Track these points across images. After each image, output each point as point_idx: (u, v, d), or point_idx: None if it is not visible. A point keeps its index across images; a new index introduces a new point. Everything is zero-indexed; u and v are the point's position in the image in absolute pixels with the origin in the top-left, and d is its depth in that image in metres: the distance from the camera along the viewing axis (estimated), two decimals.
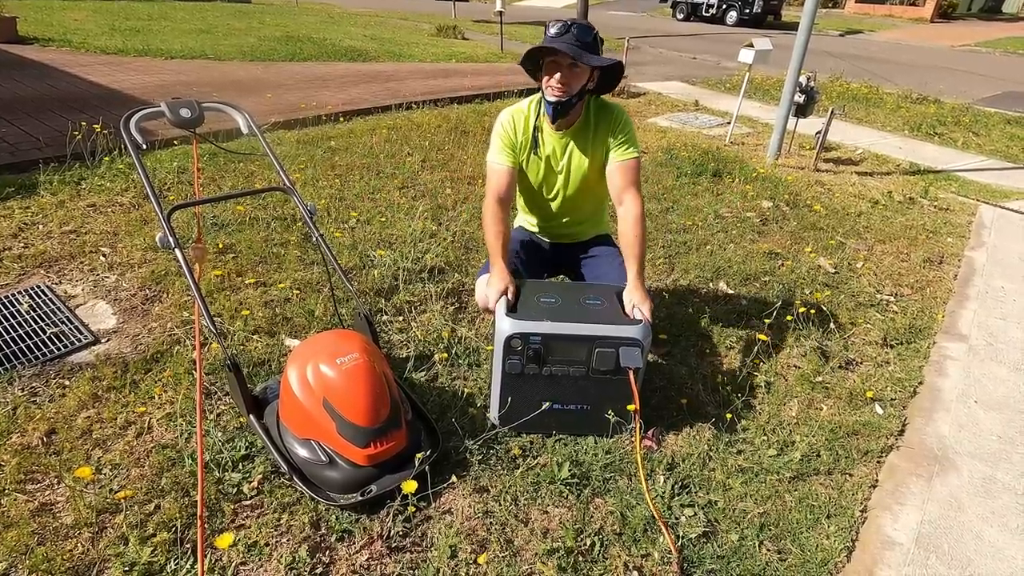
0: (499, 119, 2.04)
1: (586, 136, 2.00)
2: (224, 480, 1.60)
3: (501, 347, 1.72)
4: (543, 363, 1.74)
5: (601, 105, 2.01)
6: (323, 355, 1.57)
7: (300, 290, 2.58)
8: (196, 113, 2.05)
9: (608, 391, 1.78)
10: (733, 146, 5.46)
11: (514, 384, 1.78)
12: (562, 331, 1.72)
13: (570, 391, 1.78)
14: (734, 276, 3.01)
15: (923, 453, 1.94)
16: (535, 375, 1.76)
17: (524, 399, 1.80)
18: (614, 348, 1.72)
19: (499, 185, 2.01)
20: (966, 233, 3.97)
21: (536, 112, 2.00)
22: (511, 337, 1.70)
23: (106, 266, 2.67)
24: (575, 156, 2.02)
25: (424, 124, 5.27)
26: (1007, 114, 7.78)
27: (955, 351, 2.57)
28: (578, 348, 1.73)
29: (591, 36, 1.83)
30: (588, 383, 1.77)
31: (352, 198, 3.55)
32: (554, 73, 1.83)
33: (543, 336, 1.71)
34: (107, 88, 5.75)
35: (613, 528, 1.58)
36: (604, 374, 1.75)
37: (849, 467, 1.84)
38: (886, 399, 2.17)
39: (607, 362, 1.72)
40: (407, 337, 2.31)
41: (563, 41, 1.79)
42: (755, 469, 1.78)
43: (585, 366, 1.75)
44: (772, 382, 2.22)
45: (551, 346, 1.72)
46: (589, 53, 1.81)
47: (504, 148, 2.02)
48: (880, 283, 3.12)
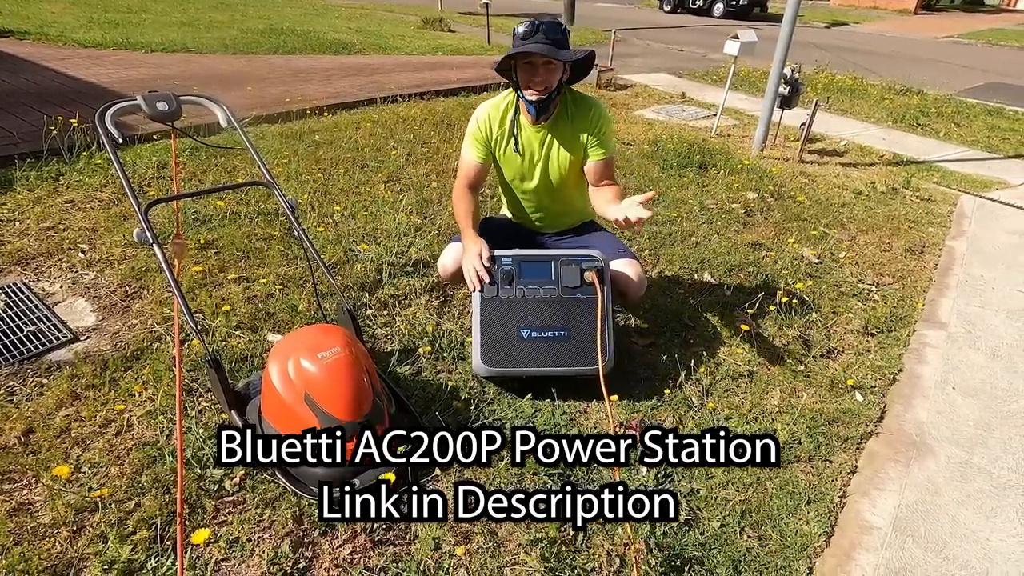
0: (475, 114, 2.06)
1: (564, 129, 2.02)
2: (206, 476, 1.59)
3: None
4: (515, 284, 1.94)
5: (577, 98, 2.03)
6: (304, 350, 1.56)
7: (284, 285, 2.56)
8: (174, 106, 2.03)
9: (580, 310, 1.95)
10: (719, 138, 5.48)
11: (491, 313, 1.94)
12: (530, 254, 2.01)
13: (544, 313, 1.94)
14: (719, 267, 3.03)
15: (901, 439, 1.97)
16: (509, 299, 1.94)
17: (503, 330, 1.94)
18: (576, 264, 1.97)
19: (468, 175, 2.08)
20: (947, 223, 4.02)
21: (514, 108, 2.01)
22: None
23: (85, 263, 2.64)
24: (553, 148, 2.04)
25: (410, 117, 5.23)
26: (988, 105, 7.85)
27: (934, 339, 2.61)
28: (544, 267, 1.97)
29: (561, 32, 1.85)
30: (560, 305, 1.95)
31: (336, 192, 3.52)
32: (531, 74, 1.87)
33: (513, 258, 1.97)
34: (86, 82, 5.65)
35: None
36: (573, 292, 1.95)
37: (829, 454, 1.86)
38: (866, 387, 2.20)
39: (572, 277, 1.95)
40: (391, 331, 2.30)
41: (534, 42, 1.82)
42: None
43: (554, 285, 1.95)
44: (755, 371, 2.24)
45: (521, 267, 1.96)
46: (561, 49, 1.83)
47: (476, 144, 2.07)
48: (862, 273, 3.15)
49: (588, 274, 1.94)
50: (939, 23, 20.40)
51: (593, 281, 1.93)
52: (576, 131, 2.01)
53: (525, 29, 1.84)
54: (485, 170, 2.12)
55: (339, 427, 1.52)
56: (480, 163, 2.08)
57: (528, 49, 1.80)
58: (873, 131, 6.25)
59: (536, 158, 2.06)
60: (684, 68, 9.34)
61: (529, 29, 1.83)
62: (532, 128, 2.01)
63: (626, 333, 2.42)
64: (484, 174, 2.13)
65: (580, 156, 2.04)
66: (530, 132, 2.03)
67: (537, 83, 1.87)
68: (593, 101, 2.03)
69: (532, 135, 2.03)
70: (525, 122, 2.01)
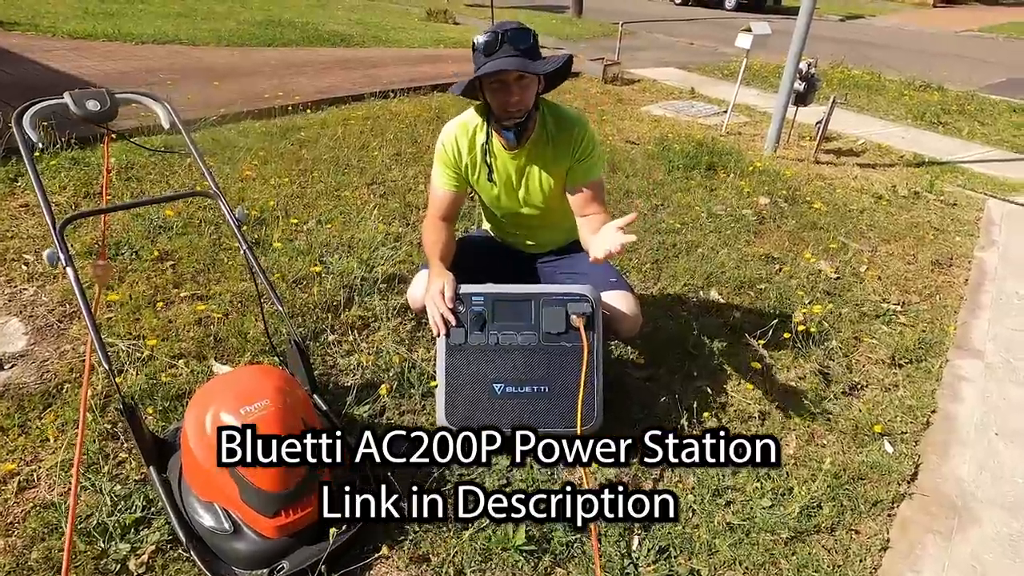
0: (441, 136, 1.77)
1: (543, 152, 1.72)
2: (109, 553, 1.33)
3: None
4: (487, 328, 1.63)
5: (559, 115, 1.73)
6: (226, 401, 1.30)
7: (241, 303, 2.30)
8: (107, 106, 1.78)
9: (565, 364, 1.63)
10: (729, 136, 5.17)
11: (459, 362, 1.64)
12: (506, 291, 1.67)
13: (521, 365, 1.64)
14: (727, 283, 2.75)
15: (940, 502, 1.68)
16: (480, 347, 1.64)
17: (472, 381, 1.63)
18: (562, 305, 1.63)
19: (440, 207, 1.79)
20: (975, 231, 3.71)
21: (485, 132, 1.72)
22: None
23: (26, 276, 2.39)
24: (533, 174, 1.75)
25: (402, 113, 4.96)
26: (1012, 102, 7.47)
27: (970, 370, 2.32)
28: (523, 309, 1.65)
29: (530, 39, 1.55)
30: (540, 355, 1.64)
31: (313, 196, 3.26)
32: (505, 96, 1.56)
33: (485, 296, 1.65)
34: (66, 75, 5.42)
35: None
36: (556, 339, 1.63)
37: (855, 522, 1.58)
38: (896, 433, 1.92)
39: (556, 322, 1.62)
40: (353, 362, 2.04)
41: (501, 55, 1.51)
42: (746, 527, 1.53)
43: (534, 331, 1.63)
44: (768, 412, 1.96)
45: (496, 309, 1.65)
46: (533, 60, 1.53)
47: (446, 170, 1.77)
48: (886, 290, 2.86)
49: (575, 319, 1.62)
50: (958, 16, 19.81)
51: (579, 328, 1.61)
52: (558, 154, 1.72)
53: (486, 40, 1.53)
54: (459, 200, 1.82)
55: (264, 499, 1.26)
56: (453, 192, 1.78)
57: (497, 67, 1.50)
58: (892, 129, 5.91)
59: (514, 185, 1.78)
60: (694, 62, 8.98)
61: (491, 40, 1.52)
62: (508, 155, 1.73)
63: (621, 363, 2.15)
64: (459, 204, 1.83)
65: (563, 180, 1.76)
66: (505, 158, 1.74)
67: (513, 105, 1.57)
68: (576, 118, 1.74)
69: (507, 161, 1.75)
70: (499, 148, 1.72)
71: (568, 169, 1.73)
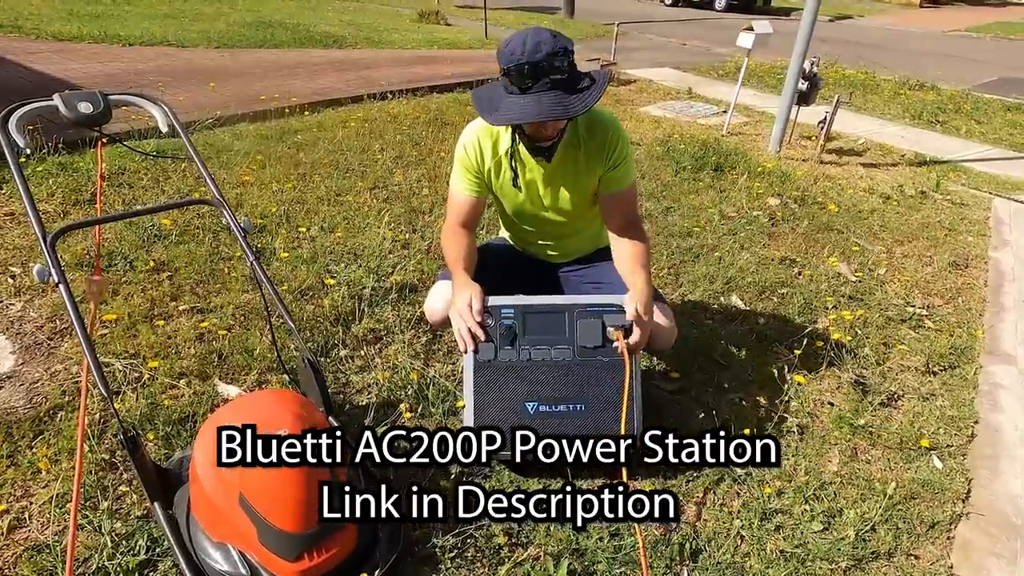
0: (461, 139, 1.64)
1: (575, 157, 1.61)
2: None
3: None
4: (518, 343, 1.52)
5: (590, 118, 1.61)
6: None
7: (245, 317, 2.18)
8: (100, 108, 1.67)
9: (602, 380, 1.52)
10: (732, 136, 5.11)
11: (488, 381, 1.52)
12: (537, 303, 1.56)
13: (555, 382, 1.52)
14: (748, 288, 2.66)
15: (997, 522, 1.59)
16: (511, 363, 1.52)
17: (502, 400, 1.51)
18: (598, 317, 1.53)
19: (461, 214, 1.67)
20: (986, 230, 3.67)
21: (511, 136, 1.60)
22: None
23: (12, 290, 2.25)
24: (562, 182, 1.64)
25: (401, 115, 4.84)
26: (1006, 100, 7.51)
27: (1005, 377, 2.24)
28: (556, 321, 1.53)
29: (564, 59, 1.37)
30: (575, 370, 1.52)
31: (315, 201, 3.14)
32: (537, 127, 1.46)
33: (516, 308, 1.54)
34: (50, 77, 5.24)
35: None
36: (592, 353, 1.52)
37: (914, 546, 1.49)
38: (942, 446, 1.83)
39: (592, 335, 1.51)
40: (368, 379, 1.92)
41: (537, 91, 1.36)
42: (800, 554, 1.43)
43: (569, 345, 1.52)
44: (806, 425, 1.86)
45: (527, 322, 1.53)
46: (572, 93, 1.38)
47: (467, 174, 1.65)
48: (908, 293, 2.78)
49: (612, 331, 1.51)
50: (945, 16, 20.00)
51: (618, 341, 1.50)
52: (591, 160, 1.61)
53: (516, 70, 1.35)
54: (481, 206, 1.71)
55: (286, 541, 1.14)
56: (474, 198, 1.67)
57: (533, 117, 1.36)
58: (889, 128, 5.89)
59: (541, 192, 1.67)
60: (688, 62, 8.93)
61: (525, 73, 1.34)
62: (535, 159, 1.62)
63: (650, 376, 2.05)
64: (480, 210, 1.72)
65: (595, 187, 1.65)
66: (532, 163, 1.63)
67: (547, 137, 1.49)
68: (609, 120, 1.62)
69: (534, 168, 1.64)
70: (527, 155, 1.60)
71: (600, 177, 1.63)
